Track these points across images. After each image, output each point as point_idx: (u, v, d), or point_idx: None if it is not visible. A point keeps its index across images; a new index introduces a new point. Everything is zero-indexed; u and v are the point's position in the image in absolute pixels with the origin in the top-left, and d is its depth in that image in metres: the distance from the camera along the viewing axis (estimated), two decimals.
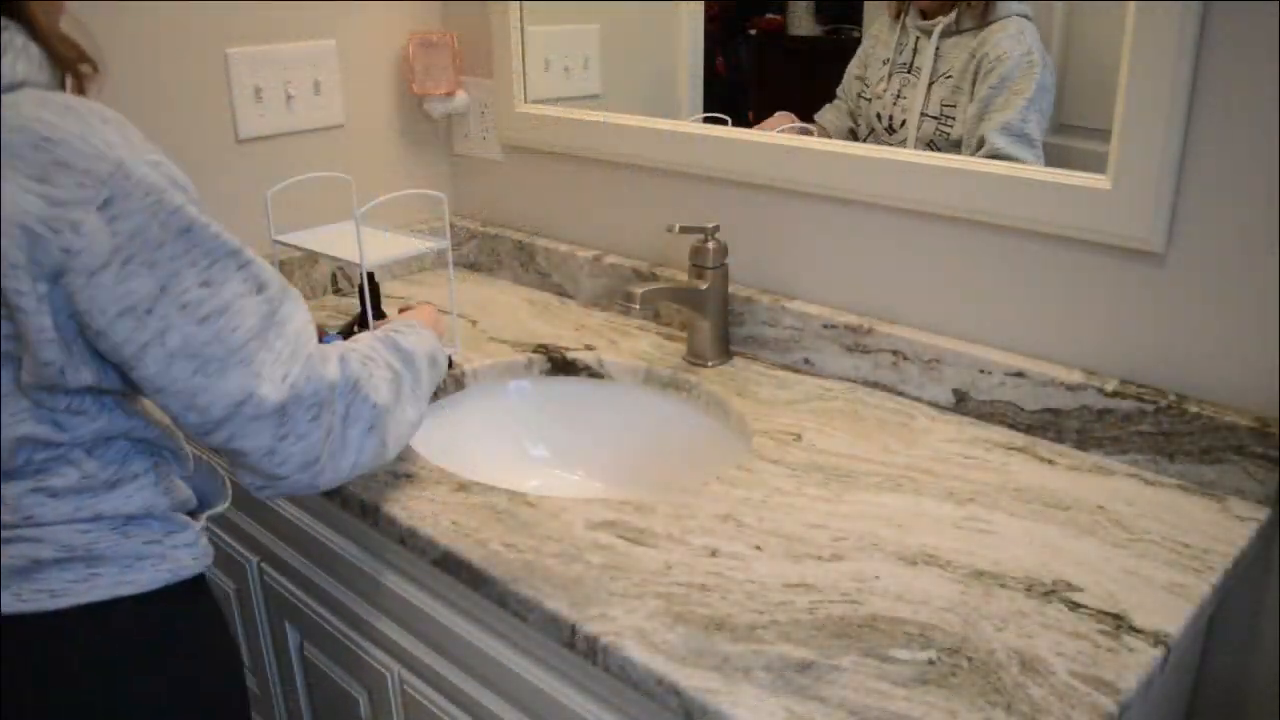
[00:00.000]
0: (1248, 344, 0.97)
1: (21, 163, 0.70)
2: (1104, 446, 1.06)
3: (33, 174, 0.70)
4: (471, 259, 1.74)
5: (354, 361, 0.87)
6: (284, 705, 1.36)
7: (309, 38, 1.54)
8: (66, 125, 0.72)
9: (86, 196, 0.71)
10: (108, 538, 0.83)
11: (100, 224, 0.71)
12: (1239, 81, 0.91)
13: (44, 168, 0.70)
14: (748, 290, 1.35)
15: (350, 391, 0.85)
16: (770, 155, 1.28)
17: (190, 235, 0.75)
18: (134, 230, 0.72)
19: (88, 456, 0.82)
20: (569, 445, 1.34)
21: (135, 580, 0.84)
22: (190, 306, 0.75)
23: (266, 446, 0.81)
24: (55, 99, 0.74)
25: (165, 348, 0.75)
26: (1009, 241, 1.11)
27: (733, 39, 1.53)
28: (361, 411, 0.87)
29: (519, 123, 1.60)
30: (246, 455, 0.81)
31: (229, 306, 0.77)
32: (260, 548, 1.28)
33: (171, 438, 0.89)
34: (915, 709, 0.72)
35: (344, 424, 0.85)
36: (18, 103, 0.72)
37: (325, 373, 0.83)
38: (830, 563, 0.89)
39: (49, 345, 0.74)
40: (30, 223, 0.70)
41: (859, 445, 1.10)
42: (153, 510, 0.86)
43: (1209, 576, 0.86)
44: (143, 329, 0.74)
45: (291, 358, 0.81)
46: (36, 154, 0.70)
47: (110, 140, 0.73)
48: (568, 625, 0.82)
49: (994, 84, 1.17)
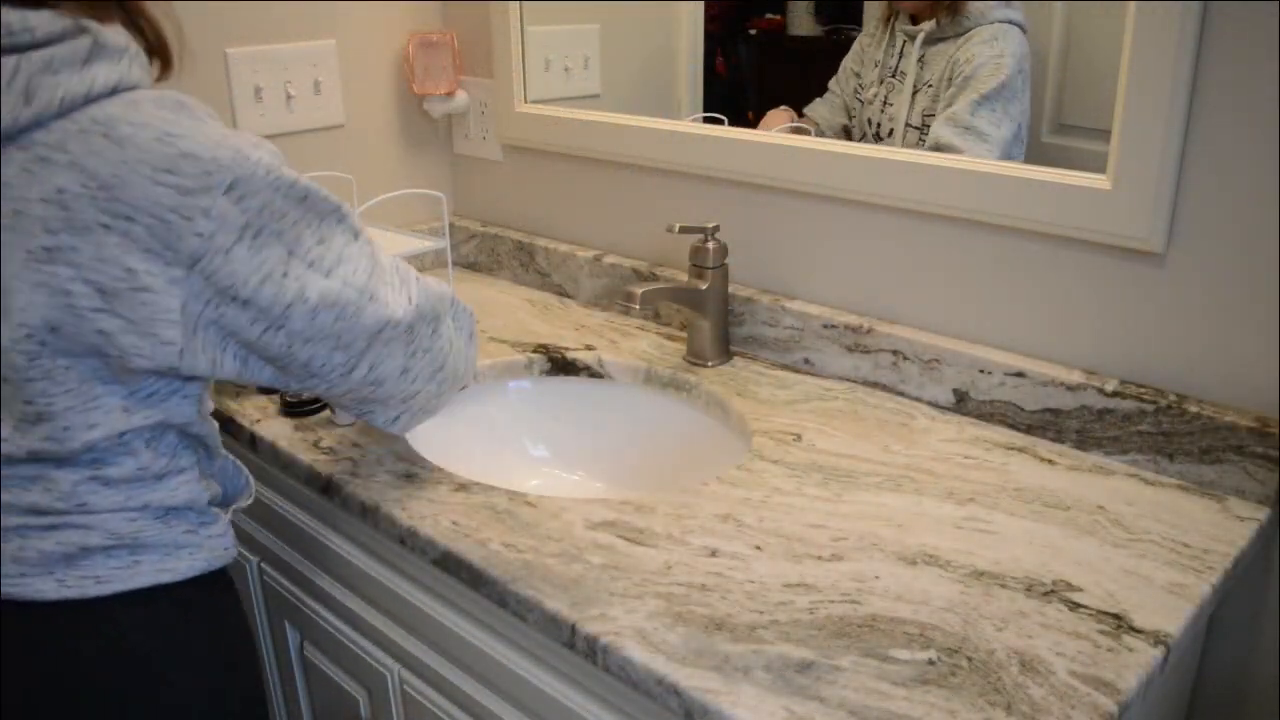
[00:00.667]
0: (1248, 344, 0.97)
1: (149, 155, 0.74)
2: (1104, 446, 1.06)
3: (161, 165, 0.74)
4: (471, 259, 1.74)
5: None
6: (284, 705, 1.36)
7: (309, 38, 1.54)
8: (182, 120, 0.77)
9: (214, 183, 0.75)
10: (152, 526, 0.87)
11: (229, 205, 0.76)
12: (1239, 81, 0.91)
13: (171, 160, 0.74)
14: (748, 290, 1.35)
15: (454, 304, 0.98)
16: (770, 155, 1.28)
17: (307, 202, 0.82)
18: (261, 206, 0.78)
19: (145, 447, 0.85)
20: (569, 445, 1.34)
21: (174, 568, 0.88)
22: (316, 263, 0.82)
23: (401, 366, 0.91)
24: (168, 98, 0.78)
25: (307, 304, 0.82)
26: (1009, 241, 1.11)
27: (733, 39, 1.53)
28: (464, 320, 1.01)
29: (519, 123, 1.60)
30: (383, 383, 0.91)
31: (343, 256, 0.84)
32: (260, 548, 1.28)
33: (211, 432, 0.93)
34: (915, 709, 0.72)
35: (456, 332, 0.98)
36: (136, 101, 0.77)
37: (434, 288, 0.94)
38: (830, 563, 0.89)
39: (171, 325, 0.78)
40: (162, 212, 0.75)
41: (859, 445, 1.10)
42: (194, 503, 0.90)
43: (1209, 576, 0.86)
44: (284, 291, 0.81)
45: (403, 283, 0.90)
46: (161, 147, 0.75)
47: (223, 130, 0.78)
48: (568, 625, 0.82)
49: (957, 85, 1.17)
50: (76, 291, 0.75)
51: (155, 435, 0.86)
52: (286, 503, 1.20)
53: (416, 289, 0.91)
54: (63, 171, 0.74)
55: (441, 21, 1.69)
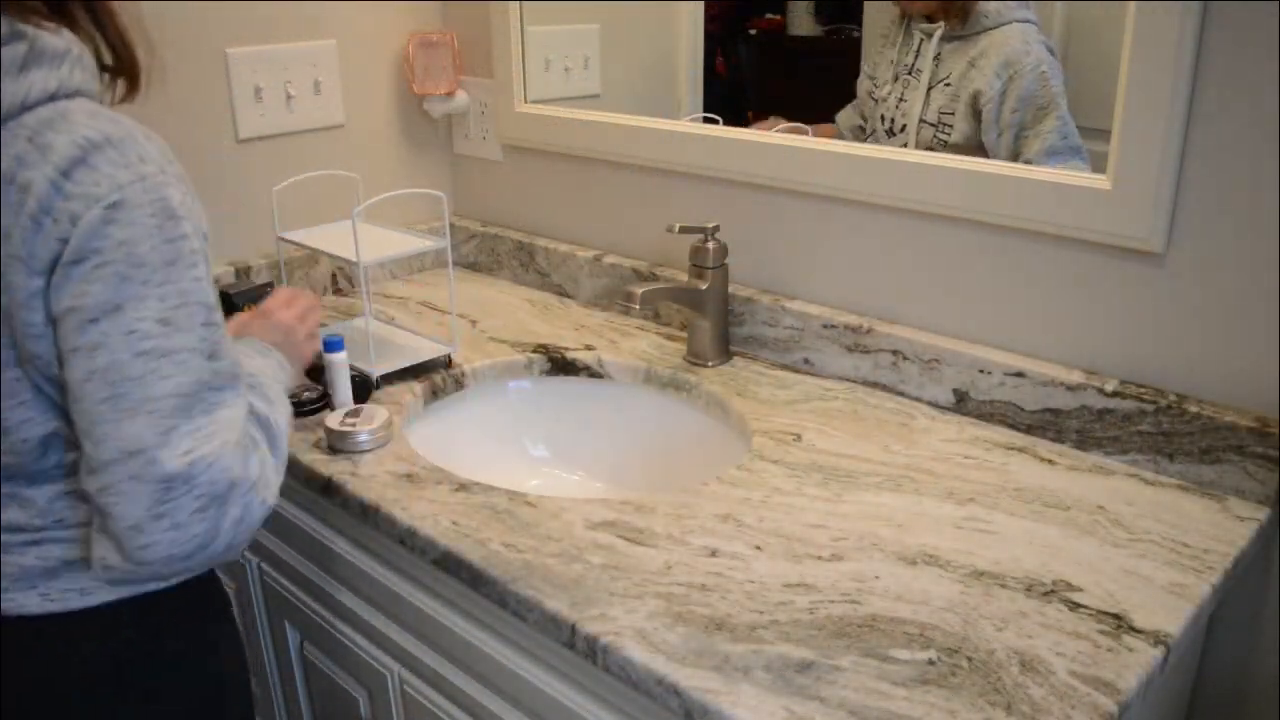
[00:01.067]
0: (1248, 344, 0.97)
1: (56, 156, 0.71)
2: (1104, 446, 1.06)
3: (61, 167, 0.70)
4: (471, 259, 1.74)
5: (256, 457, 0.80)
6: (284, 705, 1.36)
7: (309, 38, 1.54)
8: (110, 132, 0.73)
9: (98, 194, 0.70)
10: None
11: (96, 221, 0.71)
12: (1239, 81, 0.91)
13: (72, 163, 0.71)
14: (748, 290, 1.35)
15: (249, 492, 0.77)
16: (770, 155, 1.28)
17: (174, 268, 0.73)
18: (125, 239, 0.71)
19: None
20: (569, 445, 1.34)
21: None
22: (136, 335, 0.72)
23: (136, 518, 0.73)
24: (106, 112, 0.75)
25: (92, 362, 0.72)
26: (1009, 241, 1.11)
27: (733, 39, 1.53)
28: (253, 514, 0.78)
29: (519, 123, 1.60)
30: (113, 519, 0.74)
31: (173, 354, 0.73)
32: (260, 548, 1.28)
33: None
34: (915, 709, 0.72)
35: (233, 525, 0.77)
36: (70, 110, 0.73)
37: (233, 467, 0.76)
38: (830, 563, 0.89)
39: (37, 340, 0.73)
40: (36, 212, 0.70)
41: (859, 445, 1.10)
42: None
43: (1209, 576, 0.86)
44: (80, 334, 0.72)
45: (207, 439, 0.74)
46: (72, 150, 0.71)
47: (147, 155, 0.73)
48: (568, 625, 0.82)
49: (1015, 107, 1.14)
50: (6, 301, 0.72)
51: None
52: (286, 503, 1.20)
53: (213, 454, 0.74)
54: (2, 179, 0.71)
55: (441, 21, 1.69)
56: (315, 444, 1.12)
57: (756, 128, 1.34)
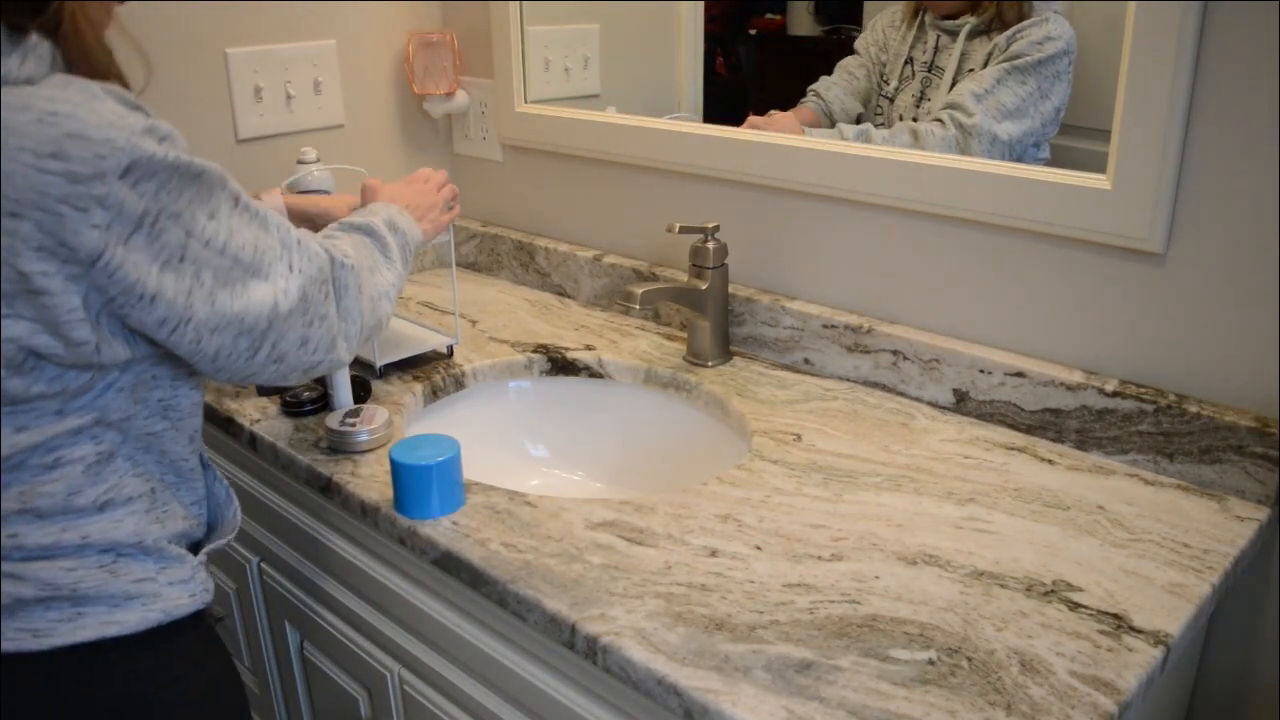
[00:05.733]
0: (1248, 344, 0.97)
1: (29, 140, 0.68)
2: (1104, 446, 1.06)
3: (44, 150, 0.68)
4: (471, 259, 1.74)
5: (319, 238, 0.93)
6: (284, 705, 1.36)
7: (309, 38, 1.54)
8: (69, 96, 0.70)
9: (108, 168, 0.69)
10: (93, 575, 0.81)
11: (126, 191, 0.70)
12: (1239, 82, 0.91)
13: (55, 143, 0.68)
14: (748, 290, 1.35)
15: (334, 264, 0.90)
16: (770, 155, 1.28)
17: (201, 178, 0.76)
18: (158, 188, 0.72)
19: (83, 473, 0.79)
20: (569, 445, 1.34)
21: (123, 620, 0.81)
22: (211, 242, 0.77)
23: (300, 336, 0.85)
24: (54, 78, 0.72)
25: (204, 286, 0.77)
26: (1009, 241, 1.11)
27: (733, 39, 1.53)
28: (346, 278, 0.91)
29: (519, 123, 1.60)
30: (286, 357, 0.85)
31: (232, 229, 0.79)
32: (260, 548, 1.28)
33: (184, 453, 0.87)
34: (915, 709, 0.72)
35: (341, 293, 0.91)
36: (19, 90, 0.70)
37: (315, 249, 0.87)
38: (830, 563, 0.89)
39: (79, 325, 0.73)
40: (51, 205, 0.68)
41: (859, 445, 1.10)
42: (143, 540, 0.83)
43: (1209, 576, 0.86)
44: (183, 276, 0.75)
45: (284, 247, 0.84)
46: (43, 129, 0.68)
47: (115, 109, 0.71)
48: (568, 625, 0.82)
49: (999, 59, 1.13)
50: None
51: (99, 460, 0.80)
52: (286, 503, 1.20)
53: (298, 254, 0.85)
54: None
55: (441, 21, 1.69)
56: (315, 444, 1.12)
57: (748, 125, 1.33)
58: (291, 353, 0.86)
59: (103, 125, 0.69)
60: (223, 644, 0.93)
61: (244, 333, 0.81)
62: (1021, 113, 1.12)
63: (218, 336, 0.79)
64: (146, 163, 0.71)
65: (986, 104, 1.12)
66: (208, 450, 0.96)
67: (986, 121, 1.12)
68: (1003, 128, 1.13)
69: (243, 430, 1.18)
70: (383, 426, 1.11)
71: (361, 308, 0.93)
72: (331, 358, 0.90)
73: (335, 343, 0.90)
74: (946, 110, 1.16)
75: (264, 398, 1.23)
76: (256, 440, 1.16)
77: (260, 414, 1.19)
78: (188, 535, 0.89)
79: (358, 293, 0.93)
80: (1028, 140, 1.13)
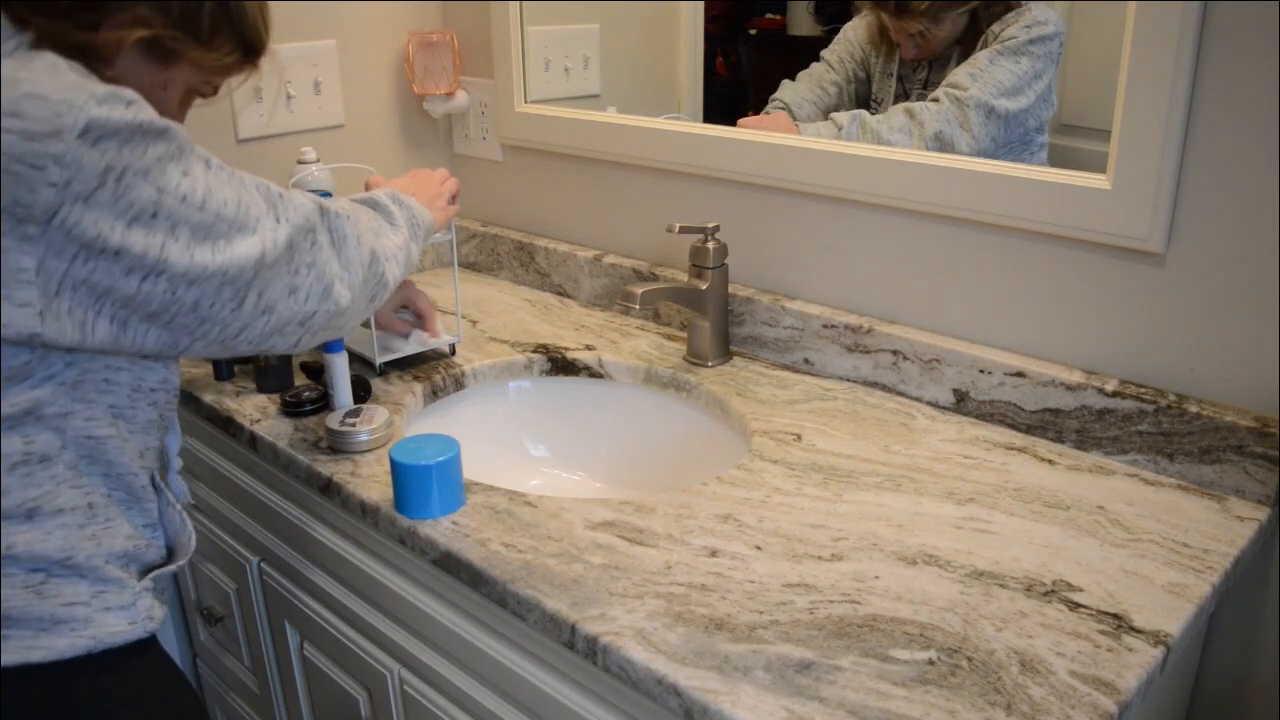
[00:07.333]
0: (1247, 344, 0.97)
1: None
2: (1104, 446, 1.06)
3: (2, 110, 0.68)
4: (471, 259, 1.74)
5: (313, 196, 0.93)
6: (284, 705, 1.36)
7: (309, 38, 1.54)
8: (34, 64, 0.71)
9: (64, 125, 0.68)
10: (19, 595, 0.76)
11: (84, 148, 0.69)
12: (1239, 81, 0.91)
13: (14, 102, 0.68)
14: (748, 290, 1.35)
15: (324, 214, 0.91)
16: (770, 155, 1.28)
17: (165, 135, 0.75)
18: (120, 145, 0.71)
19: (8, 472, 0.76)
20: (569, 445, 1.34)
21: (49, 646, 0.77)
22: (189, 198, 0.76)
23: (288, 285, 0.84)
24: (21, 53, 0.72)
25: (179, 240, 0.75)
26: (1009, 241, 1.11)
27: (733, 39, 1.53)
28: (342, 227, 0.92)
29: (519, 123, 1.60)
30: (275, 308, 0.84)
31: (210, 186, 0.78)
32: (260, 548, 1.28)
33: (132, 468, 0.84)
34: (915, 709, 0.72)
35: (337, 243, 0.91)
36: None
37: (301, 200, 0.88)
38: (830, 563, 0.89)
39: (25, 286, 0.71)
40: (8, 162, 0.68)
41: (859, 445, 1.10)
42: (73, 557, 0.79)
43: (1209, 576, 0.86)
44: (155, 231, 0.74)
45: (268, 201, 0.84)
46: (4, 91, 0.68)
47: (78, 79, 0.71)
48: (568, 625, 0.82)
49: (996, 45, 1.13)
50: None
51: (28, 460, 0.76)
52: (286, 503, 1.20)
53: (284, 206, 0.85)
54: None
55: (441, 21, 1.69)
56: (315, 444, 1.12)
57: (741, 125, 1.33)
58: (280, 302, 0.84)
59: (61, 89, 0.70)
60: (176, 670, 0.89)
61: (227, 283, 0.79)
62: (1018, 90, 1.12)
63: (196, 288, 0.78)
64: (105, 121, 0.70)
65: (981, 81, 1.12)
66: (183, 469, 0.94)
67: (983, 94, 1.12)
68: (999, 102, 1.12)
69: (243, 430, 1.18)
70: (383, 426, 1.11)
71: (363, 257, 0.94)
72: (328, 306, 0.89)
73: (331, 290, 0.89)
74: (943, 89, 1.16)
75: (264, 397, 1.23)
76: (256, 440, 1.16)
77: (260, 414, 1.19)
78: (135, 558, 0.85)
79: (357, 242, 0.93)
80: (1029, 122, 1.13)
